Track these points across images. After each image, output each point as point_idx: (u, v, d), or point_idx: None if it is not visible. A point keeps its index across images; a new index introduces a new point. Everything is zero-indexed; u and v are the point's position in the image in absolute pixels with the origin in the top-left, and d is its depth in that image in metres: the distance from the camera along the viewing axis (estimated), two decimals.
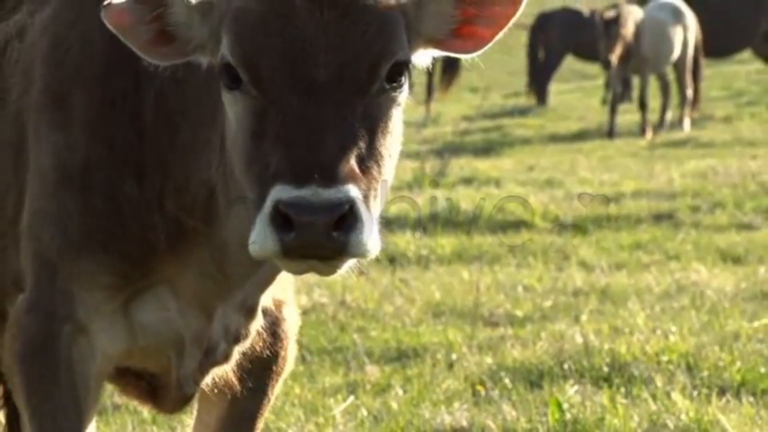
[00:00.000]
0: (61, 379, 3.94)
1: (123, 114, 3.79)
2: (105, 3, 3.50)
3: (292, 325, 4.21)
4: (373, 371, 7.24)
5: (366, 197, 3.30)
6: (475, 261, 10.41)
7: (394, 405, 6.53)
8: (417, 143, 19.49)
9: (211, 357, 3.98)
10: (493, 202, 12.50)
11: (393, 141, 3.46)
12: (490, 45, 3.57)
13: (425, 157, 16.19)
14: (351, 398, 6.70)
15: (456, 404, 6.47)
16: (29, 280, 3.97)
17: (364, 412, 6.46)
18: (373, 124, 3.39)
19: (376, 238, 3.32)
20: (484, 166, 16.88)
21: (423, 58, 3.58)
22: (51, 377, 3.95)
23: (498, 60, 41.60)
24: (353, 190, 3.24)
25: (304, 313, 7.66)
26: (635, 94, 24.57)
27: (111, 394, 6.33)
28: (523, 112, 26.63)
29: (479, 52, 3.57)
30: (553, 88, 28.41)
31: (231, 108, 3.45)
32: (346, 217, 3.23)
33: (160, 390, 4.11)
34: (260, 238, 3.25)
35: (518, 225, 11.86)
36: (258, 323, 4.01)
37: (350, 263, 3.41)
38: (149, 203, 3.79)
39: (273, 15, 3.38)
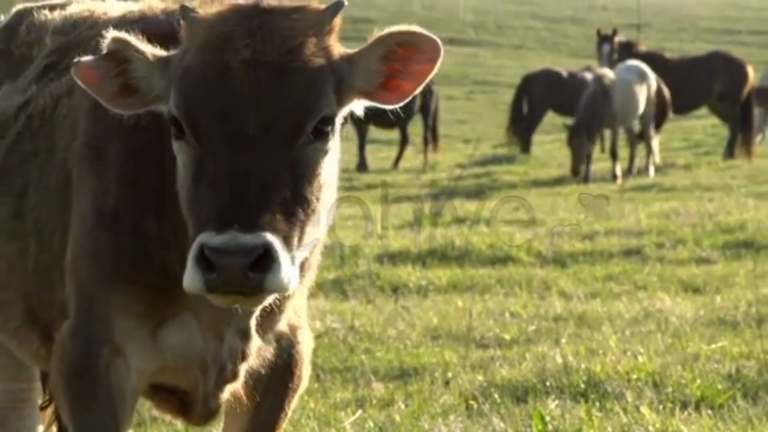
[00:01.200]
0: (100, 395, 3.93)
1: (149, 161, 3.79)
2: (74, 60, 3.54)
3: (306, 347, 4.19)
4: (378, 388, 7.23)
5: (288, 238, 3.32)
6: (468, 290, 10.40)
7: (397, 417, 6.52)
8: (417, 188, 19.51)
9: (222, 375, 3.97)
10: (483, 240, 12.53)
11: (320, 185, 3.45)
12: (410, 97, 3.61)
13: (424, 200, 16.21)
14: (359, 412, 6.68)
15: (452, 417, 6.45)
16: (72, 309, 3.96)
17: (371, 424, 6.45)
18: (300, 173, 3.40)
19: (291, 275, 3.33)
20: (475, 207, 16.88)
21: (357, 108, 3.60)
22: (91, 394, 3.94)
23: (488, 115, 41.67)
24: (269, 235, 3.27)
25: (318, 336, 7.65)
26: (607, 144, 24.60)
27: (149, 408, 6.31)
28: (509, 160, 26.66)
29: (402, 103, 3.61)
30: (536, 139, 28.43)
31: (178, 155, 3.50)
32: (262, 259, 3.25)
33: (189, 405, 4.09)
34: (188, 277, 3.32)
35: (505, 259, 11.87)
36: (257, 343, 3.98)
37: (271, 296, 3.40)
38: (167, 240, 3.79)
39: (212, 74, 3.41)
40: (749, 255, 11.71)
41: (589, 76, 24.33)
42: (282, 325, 4.05)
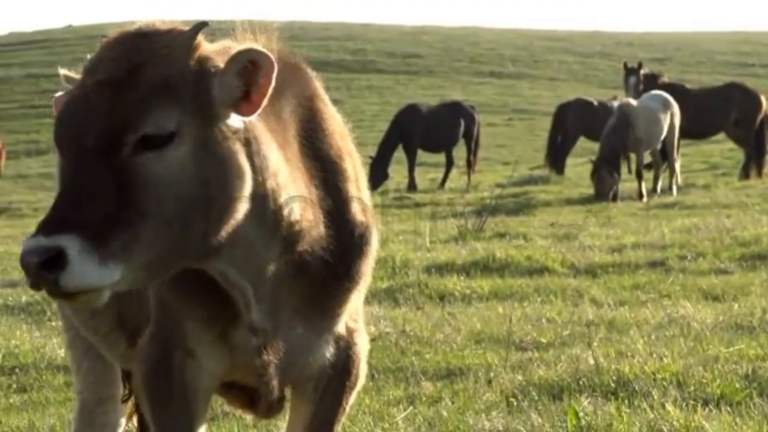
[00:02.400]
0: (175, 394, 3.92)
1: None
2: (53, 95, 3.60)
3: (362, 349, 4.16)
4: (427, 386, 7.21)
5: (103, 240, 3.24)
6: (508, 298, 10.38)
7: (445, 413, 6.49)
8: (461, 205, 19.47)
9: (283, 374, 3.95)
10: (521, 253, 12.52)
11: (156, 190, 3.36)
12: (260, 109, 3.53)
13: (468, 216, 16.18)
14: (410, 408, 6.66)
15: (494, 413, 6.42)
16: (152, 317, 3.96)
17: (421, 419, 6.42)
18: (128, 181, 3.32)
19: (94, 274, 3.25)
20: (514, 223, 16.85)
21: (235, 120, 3.53)
22: (168, 393, 3.93)
23: (525, 140, 41.61)
24: (67, 238, 3.21)
25: (372, 340, 7.62)
26: (633, 166, 24.50)
27: (221, 404, 6.32)
28: (545, 180, 26.62)
29: (255, 114, 3.53)
30: (569, 161, 28.38)
31: None
32: (56, 260, 3.19)
33: (257, 400, 4.07)
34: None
35: (541, 270, 11.85)
36: (313, 344, 3.96)
37: (93, 295, 3.32)
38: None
39: (74, 94, 3.45)
40: (763, 266, 11.62)
41: (616, 104, 24.29)
42: (339, 328, 4.02)
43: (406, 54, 66.11)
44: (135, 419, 5.25)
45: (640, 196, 22.20)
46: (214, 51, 3.60)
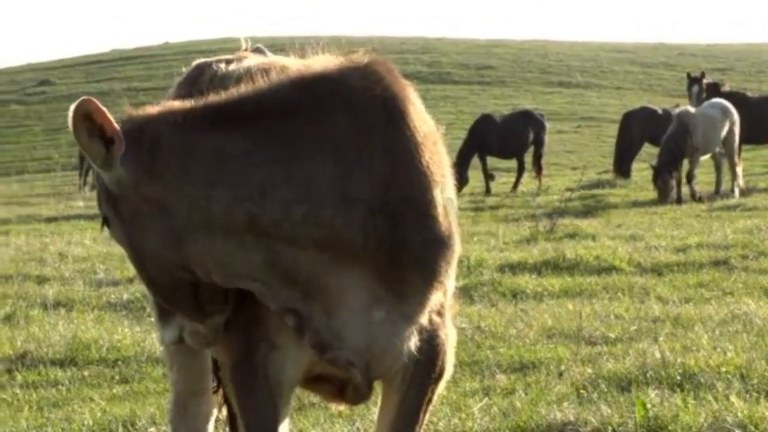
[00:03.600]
0: (261, 385, 3.92)
1: None
2: None
3: (447, 342, 4.10)
4: (501, 379, 7.17)
5: None
6: (578, 296, 10.32)
7: (518, 404, 6.45)
8: (532, 208, 19.39)
9: (368, 365, 3.94)
10: (590, 252, 12.44)
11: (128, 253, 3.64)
12: (122, 136, 3.71)
13: (539, 218, 16.11)
14: (485, 399, 6.63)
15: (565, 404, 6.37)
16: (237, 312, 3.95)
17: (496, 410, 6.39)
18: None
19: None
20: (583, 225, 16.73)
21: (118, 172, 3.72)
22: (253, 384, 3.93)
23: (593, 146, 41.32)
24: None
25: None
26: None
27: (308, 394, 6.32)
28: (612, 184, 26.42)
29: (123, 144, 3.69)
30: (635, 166, 28.15)
31: None
32: None
33: (344, 390, 4.06)
34: None
35: (609, 269, 11.76)
36: (396, 336, 3.93)
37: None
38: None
39: None
40: None
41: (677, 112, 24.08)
42: (423, 320, 3.97)
43: (480, 66, 65.92)
44: (225, 409, 5.27)
45: (693, 196, 21.97)
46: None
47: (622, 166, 27.53)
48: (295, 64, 4.23)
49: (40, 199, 29.92)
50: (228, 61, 4.60)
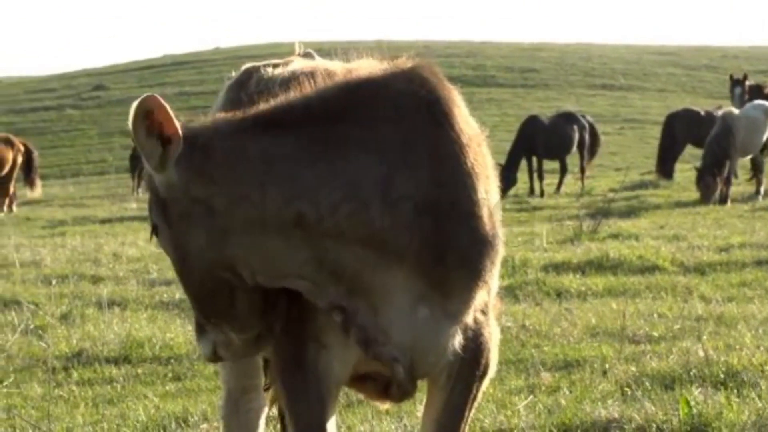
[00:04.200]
0: (309, 384, 3.92)
1: None
2: None
3: (491, 340, 4.09)
4: (546, 377, 7.15)
5: None
6: (621, 295, 10.26)
7: (563, 402, 6.42)
8: (576, 209, 19.32)
9: (413, 363, 3.92)
10: (633, 252, 12.37)
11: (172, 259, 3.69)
12: (180, 133, 3.71)
13: (582, 219, 16.04)
14: (530, 397, 6.61)
15: (609, 401, 6.34)
16: (286, 312, 3.96)
17: (540, 407, 6.37)
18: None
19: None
20: (626, 225, 16.65)
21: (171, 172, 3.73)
22: (302, 383, 3.93)
23: (636, 148, 41.11)
24: None
25: None
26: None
27: (356, 392, 6.32)
28: (655, 185, 26.28)
29: (180, 142, 3.70)
30: (677, 167, 27.99)
31: None
32: None
33: (388, 389, 4.06)
34: None
35: (653, 269, 11.70)
36: (440, 335, 3.92)
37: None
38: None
39: None
40: None
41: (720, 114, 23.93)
42: (467, 318, 3.97)
43: (524, 69, 65.77)
44: (276, 406, 5.28)
45: (725, 199, 21.79)
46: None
47: (665, 167, 27.39)
48: (339, 68, 4.25)
49: (95, 201, 30.15)
50: (275, 65, 4.62)
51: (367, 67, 4.01)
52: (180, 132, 3.69)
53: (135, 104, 3.66)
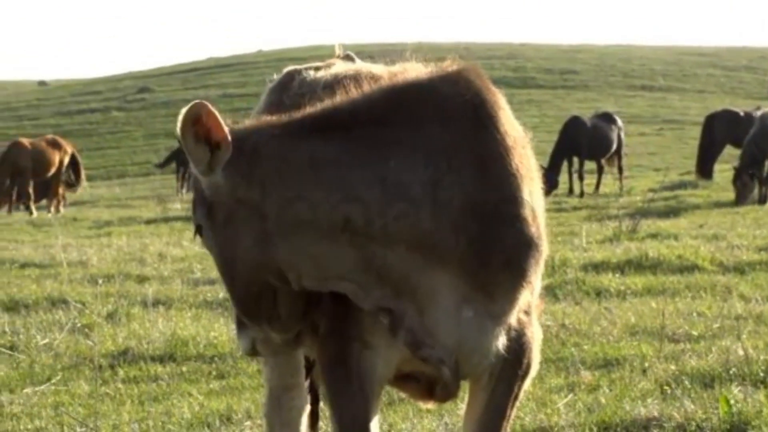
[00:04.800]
0: (353, 382, 3.92)
1: None
2: None
3: (534, 340, 4.08)
4: (586, 375, 7.12)
5: None
6: (661, 294, 10.20)
7: (603, 400, 6.39)
8: (615, 209, 19.23)
9: (458, 364, 3.92)
10: (673, 252, 12.30)
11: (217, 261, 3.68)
12: (229, 138, 3.71)
13: (622, 219, 15.97)
14: (570, 395, 6.59)
15: (649, 400, 6.30)
16: (331, 312, 3.97)
17: (581, 405, 6.34)
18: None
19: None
20: (665, 225, 16.56)
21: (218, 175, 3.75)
22: (346, 381, 3.93)
23: (675, 148, 40.88)
24: None
25: None
26: None
27: (398, 391, 6.32)
28: (694, 185, 26.13)
29: (230, 146, 3.70)
30: (716, 168, 27.82)
31: None
32: None
33: (432, 389, 4.05)
34: None
35: (692, 268, 11.62)
36: (484, 335, 3.91)
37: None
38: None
39: None
40: None
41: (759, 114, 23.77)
42: (511, 319, 3.96)
43: (564, 70, 65.56)
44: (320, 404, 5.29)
45: (763, 199, 21.62)
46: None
47: (705, 167, 27.24)
48: (382, 71, 4.25)
49: (140, 201, 30.32)
50: (317, 68, 4.62)
51: (412, 71, 4.01)
52: (228, 138, 3.69)
53: (184, 111, 3.67)
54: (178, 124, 3.66)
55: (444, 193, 3.73)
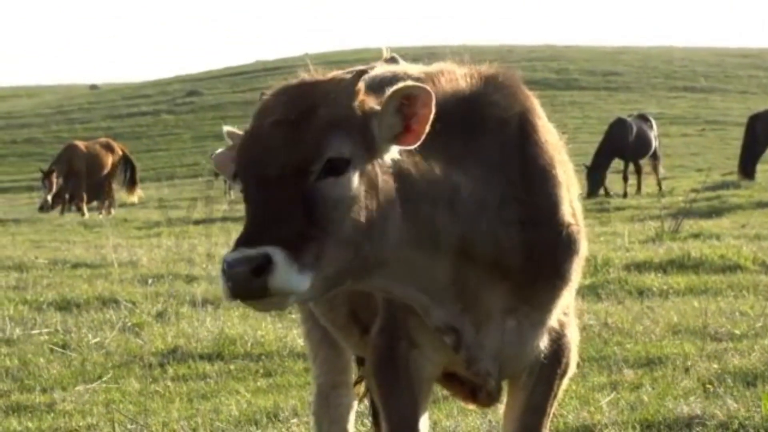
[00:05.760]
0: (402, 380, 3.94)
1: None
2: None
3: (573, 340, 4.08)
4: (628, 373, 7.08)
5: (298, 252, 3.28)
6: (703, 294, 10.13)
7: (645, 398, 6.37)
8: (658, 209, 19.11)
9: (499, 366, 3.92)
10: (715, 252, 12.21)
11: (337, 212, 3.39)
12: (423, 137, 3.50)
13: (664, 219, 15.87)
14: (613, 393, 6.56)
15: (691, 398, 6.27)
16: (380, 312, 3.98)
17: (623, 403, 6.32)
18: (314, 203, 3.36)
19: (295, 280, 3.28)
20: (708, 225, 16.45)
21: (393, 152, 3.55)
22: (395, 380, 3.95)
23: (717, 148, 40.58)
24: (270, 248, 3.25)
25: None
26: None
27: (441, 388, 6.31)
28: (736, 185, 25.92)
29: (419, 143, 3.52)
30: (759, 167, 27.59)
31: None
32: (264, 267, 3.23)
33: (476, 391, 4.05)
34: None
35: (734, 268, 11.53)
36: (525, 337, 3.90)
37: (287, 299, 3.35)
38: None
39: (251, 133, 3.51)
40: None
41: None
42: (552, 322, 3.96)
43: (606, 72, 65.26)
44: (366, 401, 5.29)
45: None
46: (374, 99, 3.58)
47: (747, 167, 27.04)
48: (420, 72, 4.19)
49: (189, 202, 30.47)
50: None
51: (448, 71, 3.97)
52: (422, 138, 3.53)
53: (411, 83, 3.55)
54: (398, 87, 3.53)
55: (508, 208, 3.74)
